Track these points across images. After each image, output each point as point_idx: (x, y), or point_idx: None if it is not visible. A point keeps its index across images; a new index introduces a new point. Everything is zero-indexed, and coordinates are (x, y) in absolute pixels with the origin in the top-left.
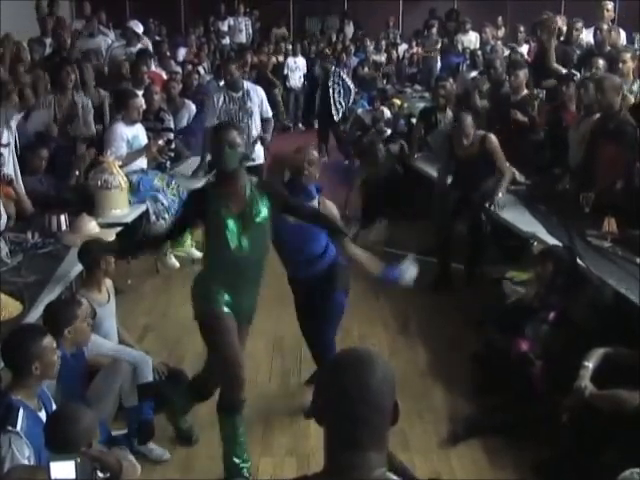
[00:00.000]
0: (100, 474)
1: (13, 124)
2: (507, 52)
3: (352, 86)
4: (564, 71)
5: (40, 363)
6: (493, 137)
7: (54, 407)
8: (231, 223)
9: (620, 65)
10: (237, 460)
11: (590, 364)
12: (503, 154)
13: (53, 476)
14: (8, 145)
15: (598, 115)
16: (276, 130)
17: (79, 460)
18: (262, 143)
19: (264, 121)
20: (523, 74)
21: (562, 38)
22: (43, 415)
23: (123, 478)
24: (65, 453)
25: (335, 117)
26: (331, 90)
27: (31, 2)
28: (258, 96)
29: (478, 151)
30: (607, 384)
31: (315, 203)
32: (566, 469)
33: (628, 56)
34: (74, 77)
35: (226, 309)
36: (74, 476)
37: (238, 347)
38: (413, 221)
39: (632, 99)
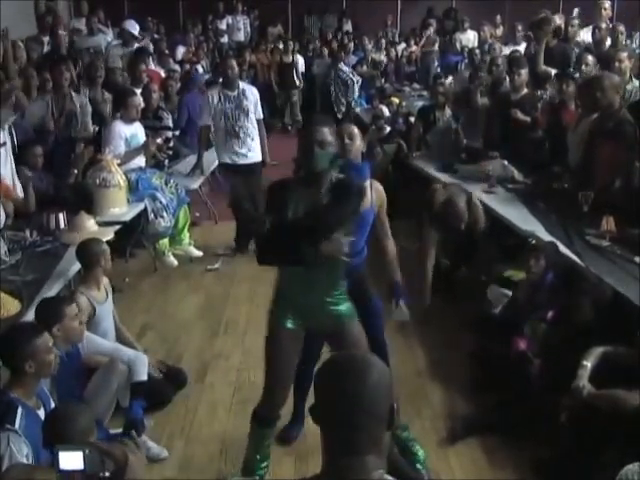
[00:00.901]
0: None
1: (6, 124)
2: (507, 50)
3: (354, 79)
4: (553, 71)
5: (34, 362)
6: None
7: (53, 405)
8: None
9: (617, 64)
10: (259, 465)
11: (589, 363)
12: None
13: (61, 466)
14: (4, 145)
15: (597, 114)
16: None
17: (87, 451)
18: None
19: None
20: (525, 73)
21: (561, 37)
22: (42, 413)
23: (129, 473)
24: None
25: (338, 115)
26: (332, 87)
27: (31, 2)
28: (253, 95)
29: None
30: (606, 383)
31: (367, 183)
32: (565, 469)
33: (624, 55)
34: (69, 75)
35: (290, 325)
36: (82, 467)
37: (287, 371)
38: (411, 220)
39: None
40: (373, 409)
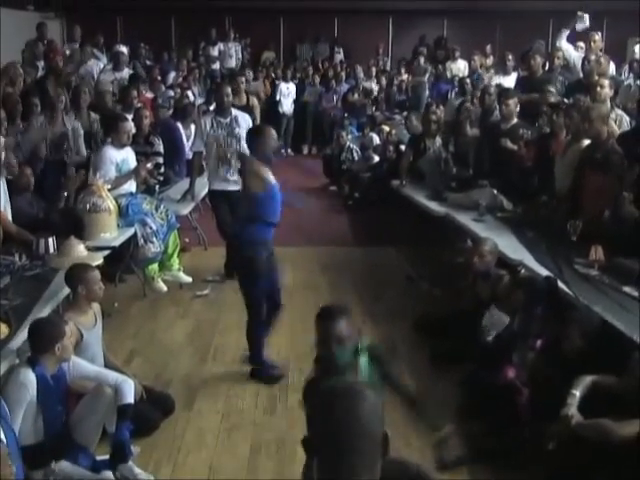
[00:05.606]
0: None
1: None
2: (498, 80)
3: (360, 154)
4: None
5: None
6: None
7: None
8: None
9: (598, 89)
10: None
11: (577, 392)
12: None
13: None
14: None
15: (586, 142)
16: None
17: None
18: None
19: None
20: (513, 103)
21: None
22: None
23: None
24: None
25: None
26: (345, 161)
27: (28, 19)
28: (246, 122)
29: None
30: (594, 413)
31: None
32: None
33: (606, 82)
34: (64, 99)
35: None
36: None
37: None
38: (401, 246)
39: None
40: (371, 432)
